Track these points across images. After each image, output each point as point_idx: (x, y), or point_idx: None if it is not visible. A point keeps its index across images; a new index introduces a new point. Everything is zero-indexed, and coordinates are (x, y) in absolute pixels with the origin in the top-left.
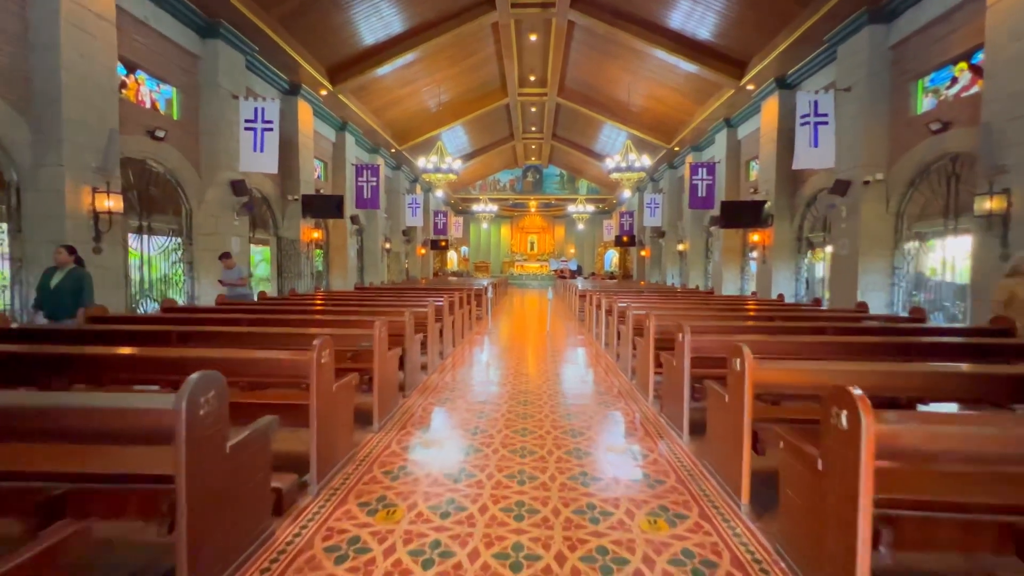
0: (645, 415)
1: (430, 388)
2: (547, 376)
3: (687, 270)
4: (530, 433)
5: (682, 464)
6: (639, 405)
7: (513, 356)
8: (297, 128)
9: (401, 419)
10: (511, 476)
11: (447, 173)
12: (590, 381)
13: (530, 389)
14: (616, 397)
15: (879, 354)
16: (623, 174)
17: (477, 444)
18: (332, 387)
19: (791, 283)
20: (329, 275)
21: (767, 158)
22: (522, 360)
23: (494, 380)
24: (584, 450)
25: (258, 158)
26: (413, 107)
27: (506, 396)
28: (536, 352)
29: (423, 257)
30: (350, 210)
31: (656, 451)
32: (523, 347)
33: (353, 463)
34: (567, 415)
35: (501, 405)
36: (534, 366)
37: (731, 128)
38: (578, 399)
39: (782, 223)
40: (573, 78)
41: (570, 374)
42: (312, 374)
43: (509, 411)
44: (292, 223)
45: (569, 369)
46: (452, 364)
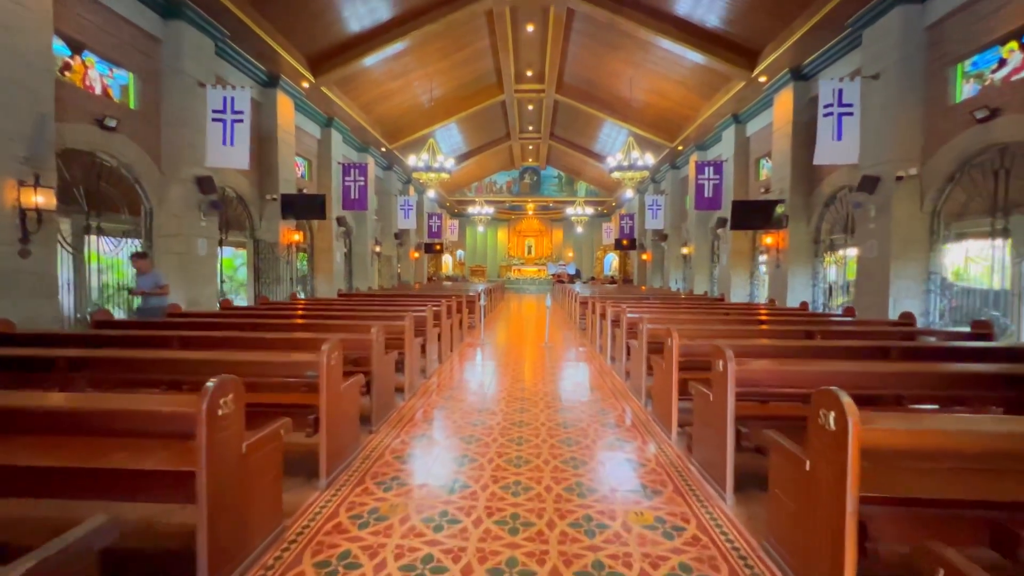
0: (669, 458)
1: (405, 420)
2: (545, 400)
3: (692, 275)
4: (524, 491)
5: (733, 546)
6: (657, 441)
7: (507, 374)
8: (276, 123)
9: (359, 473)
10: None
11: (439, 172)
12: (595, 407)
13: (525, 419)
14: (630, 431)
15: (991, 387)
16: (625, 173)
17: (452, 513)
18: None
19: (808, 289)
20: (314, 280)
21: (781, 155)
22: (517, 380)
23: (482, 407)
24: (597, 521)
25: (227, 152)
26: (404, 103)
27: (496, 429)
28: (533, 369)
29: (416, 261)
30: (336, 211)
31: (693, 523)
32: (518, 363)
33: (312, 517)
34: (571, 460)
35: (490, 445)
36: (530, 386)
37: (740, 124)
38: (582, 434)
39: (798, 224)
40: (572, 73)
41: (572, 397)
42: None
43: (499, 453)
44: (271, 224)
45: (570, 390)
46: (436, 386)
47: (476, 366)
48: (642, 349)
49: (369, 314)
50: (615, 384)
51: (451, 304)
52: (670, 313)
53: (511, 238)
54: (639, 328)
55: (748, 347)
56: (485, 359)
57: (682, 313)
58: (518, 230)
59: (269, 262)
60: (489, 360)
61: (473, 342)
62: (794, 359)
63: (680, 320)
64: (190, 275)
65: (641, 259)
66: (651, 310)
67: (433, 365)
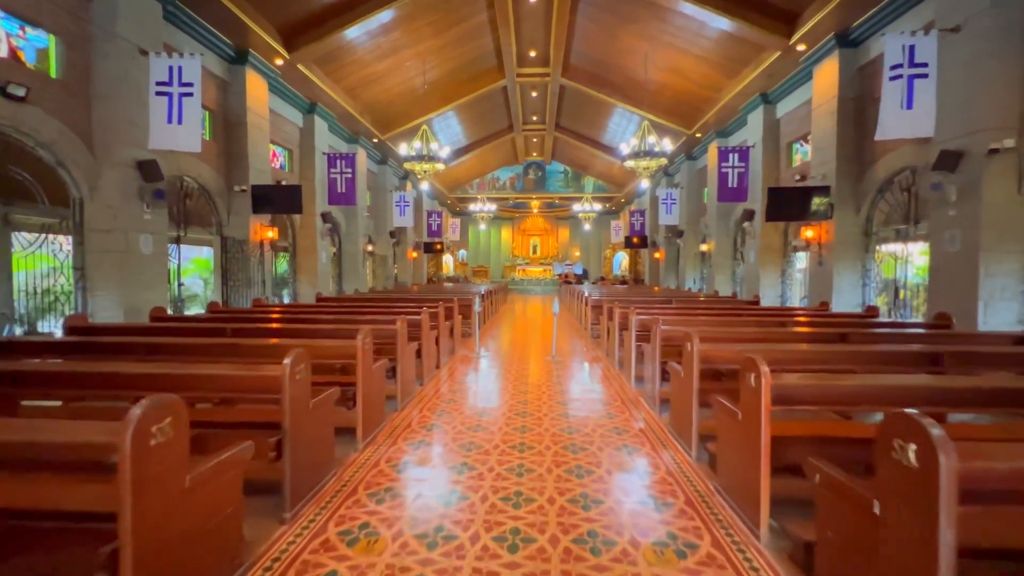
0: None
1: (345, 496)
2: (553, 453)
3: (712, 274)
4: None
5: None
6: (739, 539)
7: (503, 404)
8: (246, 104)
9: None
10: None
11: (433, 162)
12: (624, 460)
13: (523, 490)
14: (684, 513)
15: None
16: (639, 161)
17: None
18: None
19: (855, 289)
20: (296, 282)
21: (823, 135)
22: (515, 412)
23: (465, 458)
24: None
25: (174, 132)
26: (395, 87)
27: (481, 520)
28: (537, 394)
29: (415, 261)
30: (321, 206)
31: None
32: (518, 386)
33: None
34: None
35: (467, 550)
36: (533, 423)
37: (769, 105)
38: (606, 510)
39: (844, 214)
40: (580, 52)
41: (589, 442)
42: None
43: (483, 551)
44: (241, 220)
45: (587, 431)
46: (406, 425)
47: (465, 391)
48: (691, 379)
49: (313, 330)
50: (649, 422)
51: (438, 310)
52: (719, 326)
53: (515, 237)
54: (685, 348)
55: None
56: (477, 380)
57: (733, 326)
58: (522, 229)
59: (239, 262)
60: (482, 381)
61: (467, 355)
62: None
63: (739, 337)
64: (130, 278)
65: (653, 258)
66: (686, 318)
67: (411, 391)
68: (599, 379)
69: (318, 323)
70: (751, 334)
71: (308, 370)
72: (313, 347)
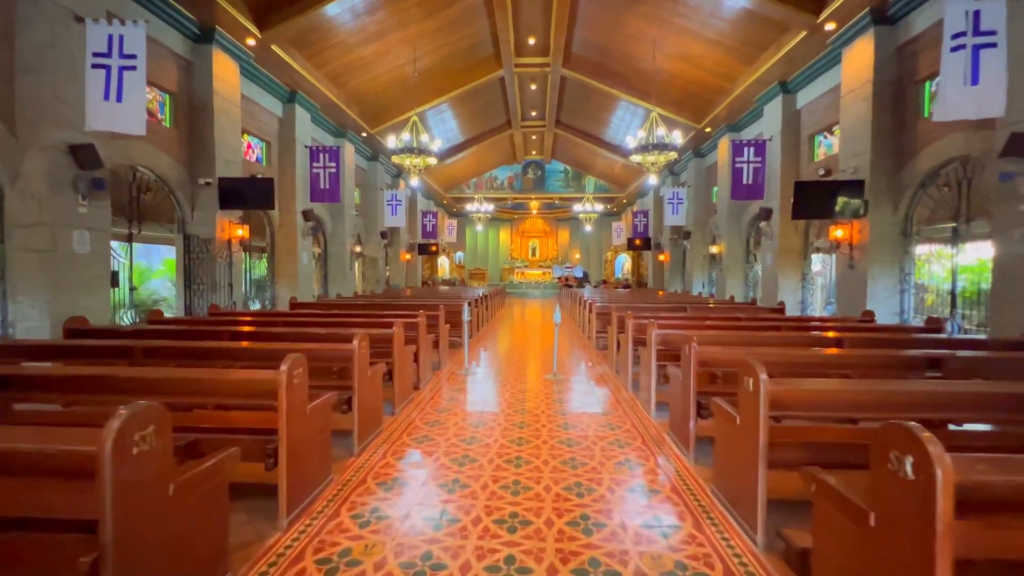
0: None
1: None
2: (556, 532)
3: (722, 277)
4: None
5: None
6: None
7: (492, 445)
8: (212, 88)
9: None
10: None
11: (424, 155)
12: (656, 536)
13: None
14: None
15: None
16: (647, 156)
17: None
18: None
19: (892, 295)
20: (275, 285)
21: (854, 124)
22: (504, 462)
23: (442, 518)
24: None
25: (113, 112)
26: (384, 75)
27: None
28: (533, 436)
29: (408, 263)
30: (303, 203)
31: None
32: (511, 421)
33: None
34: None
35: None
36: (529, 481)
37: (788, 95)
38: None
39: (880, 211)
40: (583, 40)
41: (605, 518)
42: None
43: None
44: (206, 216)
45: (602, 502)
46: (353, 487)
47: (446, 423)
48: (759, 430)
49: (229, 350)
50: (683, 475)
51: (417, 321)
52: (771, 346)
53: (514, 239)
54: (743, 384)
55: None
56: (463, 406)
57: (789, 346)
58: (521, 230)
59: (204, 264)
60: (468, 409)
61: (455, 372)
62: None
63: (814, 365)
64: (62, 281)
65: (657, 260)
66: (717, 332)
67: (374, 426)
68: (610, 404)
69: (249, 340)
70: (832, 362)
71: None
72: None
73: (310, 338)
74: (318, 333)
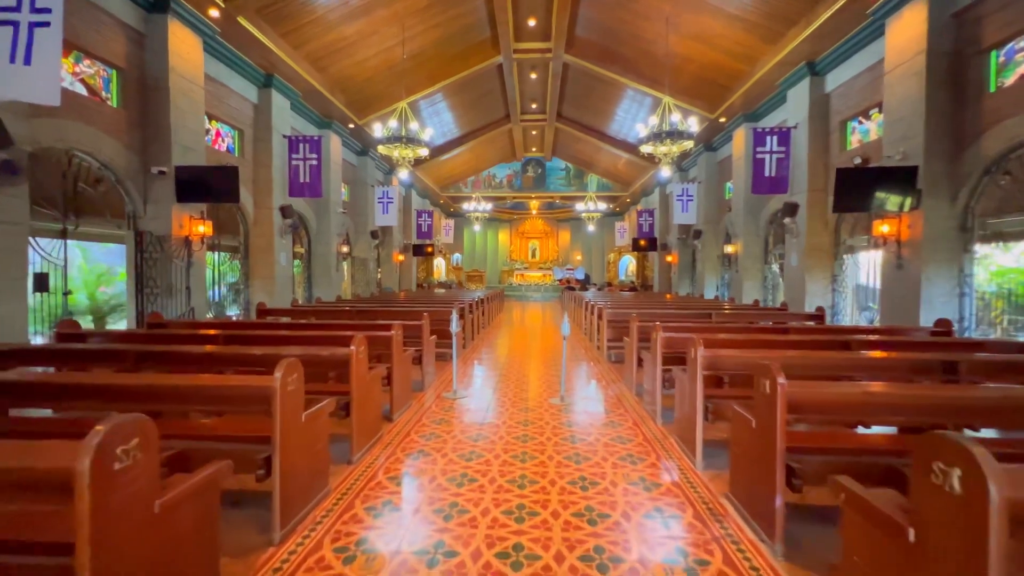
0: None
1: None
2: None
3: (738, 279)
4: None
5: None
6: None
7: (482, 516)
8: (167, 64)
9: None
10: None
11: (413, 146)
12: None
13: None
14: None
15: None
16: (658, 147)
17: None
18: None
19: (951, 301)
20: (249, 289)
21: (902, 104)
22: (496, 539)
23: None
24: None
25: (19, 77)
26: (371, 59)
27: None
28: (539, 499)
29: (402, 265)
30: (281, 198)
31: None
32: (506, 477)
33: None
34: None
35: None
36: (535, 571)
37: (816, 77)
38: None
39: (935, 203)
40: (588, 21)
41: None
42: None
43: None
44: (161, 210)
45: None
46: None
47: (418, 479)
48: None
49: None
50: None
51: (391, 335)
52: (887, 372)
53: (513, 240)
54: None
55: None
56: (443, 450)
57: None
58: (520, 231)
59: (158, 265)
60: (450, 454)
61: (439, 398)
62: None
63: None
64: None
65: (665, 262)
66: (771, 350)
67: (317, 488)
68: (638, 445)
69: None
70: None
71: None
72: None
73: (229, 361)
74: (239, 355)
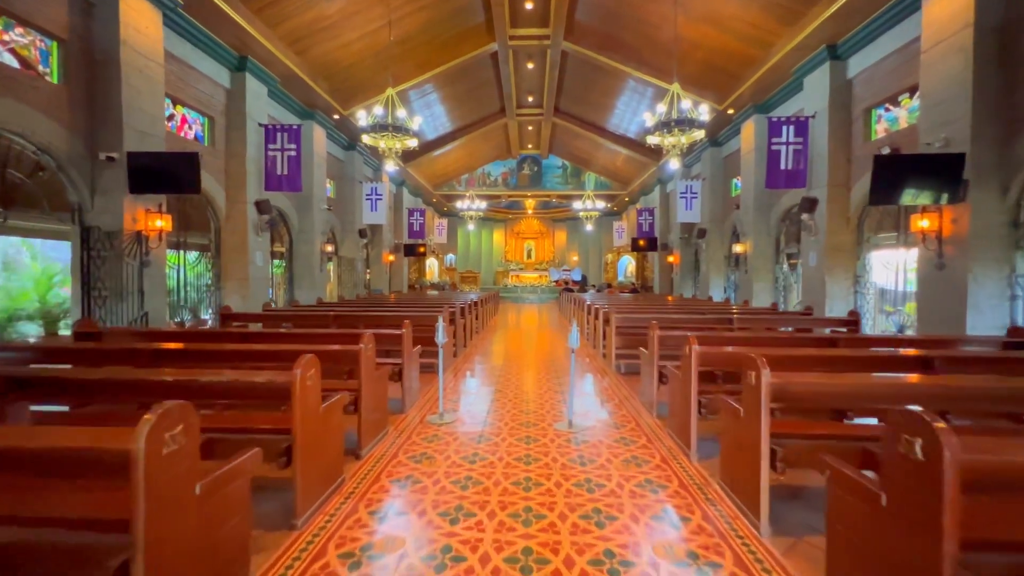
0: None
1: None
2: None
3: (747, 280)
4: None
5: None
6: None
7: None
8: (119, 37)
9: None
10: None
11: (401, 135)
12: None
13: None
14: None
15: None
16: (665, 137)
17: None
18: None
19: (999, 304)
20: (220, 291)
21: (944, 84)
22: None
23: None
24: None
25: None
26: (355, 43)
27: None
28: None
29: (392, 265)
30: (256, 193)
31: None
32: (508, 553)
33: None
34: None
35: None
36: None
37: (837, 61)
38: None
39: (983, 195)
40: (589, 3)
41: None
42: None
43: None
44: (112, 202)
45: None
46: None
47: (382, 554)
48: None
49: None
50: None
51: (359, 349)
52: None
53: (508, 240)
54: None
55: None
56: (421, 502)
57: None
58: (516, 231)
59: (108, 264)
60: (429, 505)
61: (423, 421)
62: None
63: None
64: None
65: (666, 262)
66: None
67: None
68: (673, 490)
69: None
70: None
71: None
72: None
73: (144, 390)
74: (162, 382)
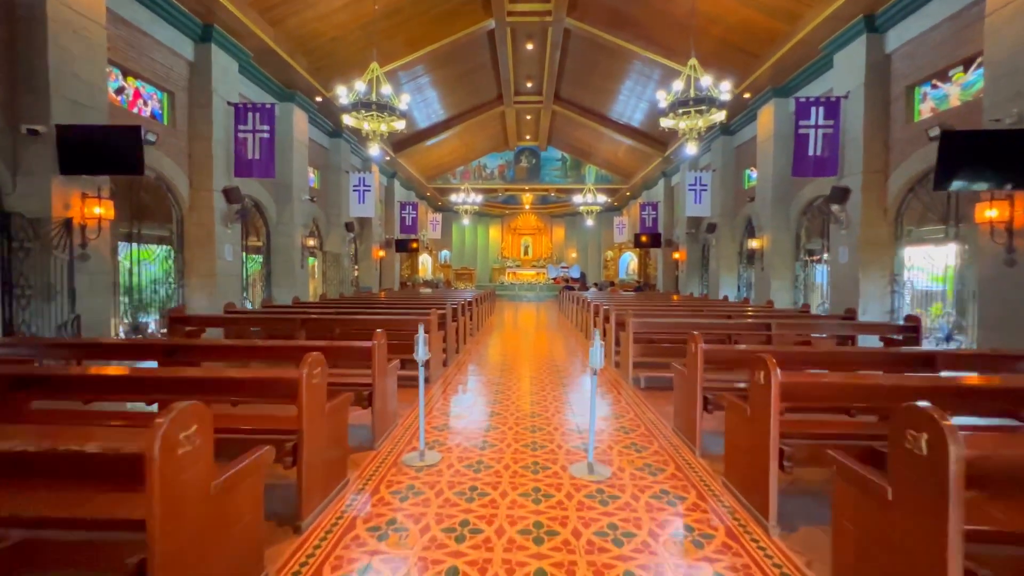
0: None
1: None
2: None
3: (765, 278)
4: None
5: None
6: None
7: None
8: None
9: None
10: None
11: (387, 115)
12: None
13: None
14: None
15: None
16: (681, 118)
17: None
18: None
19: None
20: (184, 289)
21: (1015, 51)
22: None
23: None
24: None
25: None
26: (336, 12)
27: None
28: None
29: (383, 261)
30: (222, 180)
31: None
32: None
33: None
34: None
35: None
36: None
37: (874, 34)
38: None
39: None
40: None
41: None
42: None
43: None
44: (38, 184)
45: None
46: None
47: None
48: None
49: None
50: None
51: (299, 376)
52: None
53: (504, 236)
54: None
55: None
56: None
57: None
58: (513, 227)
59: (33, 258)
60: None
61: (396, 465)
62: None
63: None
64: None
65: (671, 259)
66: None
67: None
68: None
69: None
70: None
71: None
72: None
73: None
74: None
